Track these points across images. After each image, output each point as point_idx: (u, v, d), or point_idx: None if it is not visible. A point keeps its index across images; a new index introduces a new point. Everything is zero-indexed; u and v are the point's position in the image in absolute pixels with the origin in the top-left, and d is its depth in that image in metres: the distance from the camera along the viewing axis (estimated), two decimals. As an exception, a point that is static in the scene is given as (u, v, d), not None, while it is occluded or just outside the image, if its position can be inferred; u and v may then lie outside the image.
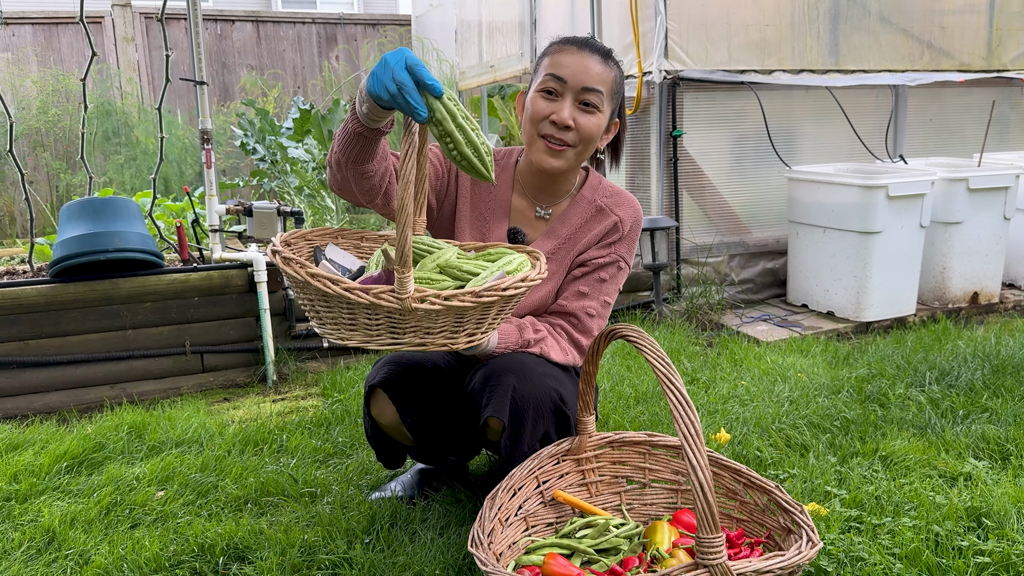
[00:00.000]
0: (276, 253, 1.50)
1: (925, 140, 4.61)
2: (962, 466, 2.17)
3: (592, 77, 1.75)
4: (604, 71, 1.77)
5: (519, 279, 1.49)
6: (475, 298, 1.43)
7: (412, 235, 1.39)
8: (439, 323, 1.45)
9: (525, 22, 5.35)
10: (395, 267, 1.38)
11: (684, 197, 4.07)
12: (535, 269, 1.57)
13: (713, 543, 1.21)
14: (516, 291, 1.48)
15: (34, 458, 2.39)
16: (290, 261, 1.46)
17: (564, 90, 1.75)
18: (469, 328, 1.50)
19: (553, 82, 1.76)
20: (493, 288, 1.45)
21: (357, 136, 1.52)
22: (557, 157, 1.78)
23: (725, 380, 2.95)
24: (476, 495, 2.08)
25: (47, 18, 7.29)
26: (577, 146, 1.78)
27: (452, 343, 1.48)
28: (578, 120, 1.76)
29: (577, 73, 1.75)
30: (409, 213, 1.38)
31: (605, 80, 1.77)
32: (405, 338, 1.45)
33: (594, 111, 1.77)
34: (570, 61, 1.76)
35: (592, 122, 1.77)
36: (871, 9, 4.27)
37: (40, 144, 6.71)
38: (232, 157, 7.12)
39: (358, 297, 1.39)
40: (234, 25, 8.01)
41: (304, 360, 3.40)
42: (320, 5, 13.22)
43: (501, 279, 1.49)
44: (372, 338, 1.46)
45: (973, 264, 3.95)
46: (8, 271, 3.63)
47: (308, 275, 1.43)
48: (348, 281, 1.42)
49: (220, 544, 1.88)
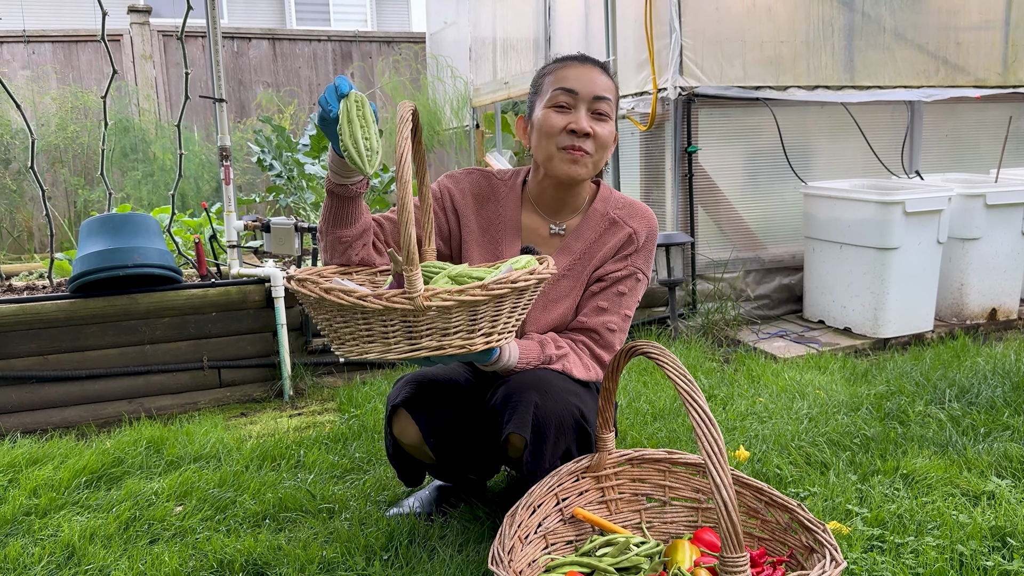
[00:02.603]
0: (291, 278, 1.56)
1: (941, 156, 4.59)
2: (985, 484, 2.15)
3: (600, 86, 1.80)
4: (608, 81, 1.83)
5: (527, 271, 1.51)
6: (486, 291, 1.44)
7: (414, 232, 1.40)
8: (454, 321, 1.45)
9: (540, 39, 5.38)
10: (403, 266, 1.39)
11: (699, 213, 4.07)
12: (543, 265, 1.59)
13: (737, 562, 1.21)
14: (526, 283, 1.49)
15: (53, 473, 2.40)
16: (305, 281, 1.49)
17: (576, 101, 1.79)
18: (485, 327, 1.49)
19: (564, 96, 1.79)
20: (502, 280, 1.46)
21: (330, 195, 1.69)
22: (580, 164, 1.80)
23: (743, 397, 2.94)
24: (494, 512, 2.07)
25: (67, 36, 7.40)
26: (595, 154, 1.81)
27: (470, 344, 1.48)
28: (595, 128, 1.79)
29: (586, 84, 1.79)
30: (410, 211, 1.39)
31: (611, 89, 1.83)
32: (423, 342, 1.45)
33: (606, 119, 1.82)
34: (576, 74, 1.80)
35: (607, 129, 1.82)
36: (886, 25, 4.28)
37: (59, 160, 6.79)
38: (248, 173, 7.17)
39: (371, 303, 1.41)
40: (250, 43, 8.10)
41: (320, 375, 3.41)
42: (335, 23, 13.36)
43: (510, 272, 1.50)
44: (391, 347, 1.47)
45: (991, 280, 3.92)
46: (28, 286, 3.66)
47: (322, 291, 1.45)
48: (361, 290, 1.44)
49: (239, 560, 1.88)
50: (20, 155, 6.44)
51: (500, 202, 1.95)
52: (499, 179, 1.98)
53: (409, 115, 1.49)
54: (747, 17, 3.99)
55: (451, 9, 7.27)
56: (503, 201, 1.95)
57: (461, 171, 2.00)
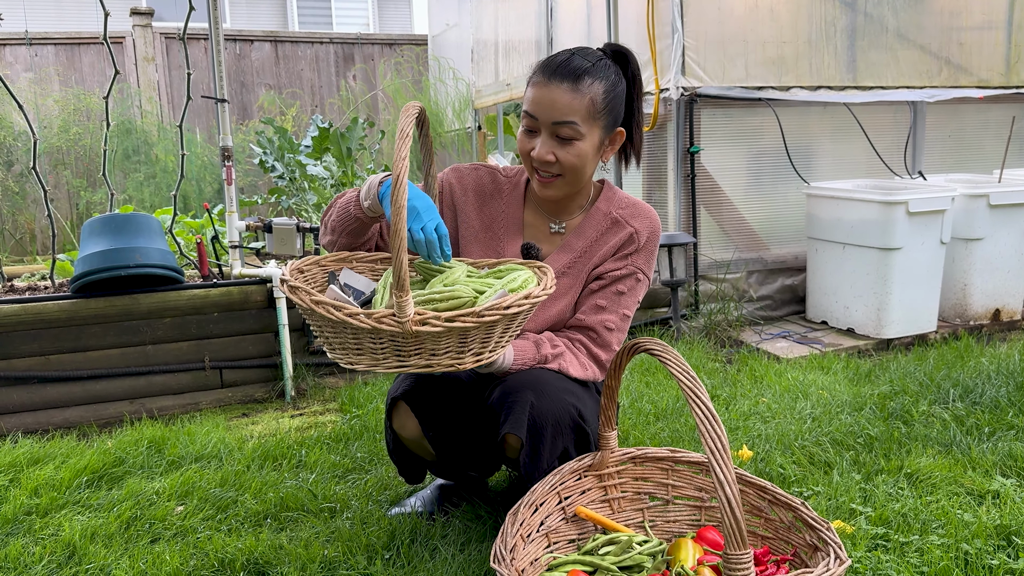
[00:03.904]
0: (284, 282, 1.52)
1: (944, 156, 4.58)
2: (989, 484, 2.14)
3: (561, 110, 1.70)
4: (573, 99, 1.70)
5: (521, 296, 1.49)
6: (477, 318, 1.42)
7: (407, 259, 1.40)
8: (443, 344, 1.45)
9: (542, 40, 5.38)
10: (394, 291, 1.39)
11: (702, 213, 4.06)
12: (540, 285, 1.57)
13: (741, 559, 1.20)
14: (519, 308, 1.47)
15: (55, 472, 2.40)
16: (296, 290, 1.47)
17: (538, 126, 1.74)
18: (475, 348, 1.49)
19: (527, 119, 1.76)
20: (494, 307, 1.45)
21: (357, 220, 1.76)
22: (549, 187, 1.80)
23: (746, 397, 2.93)
24: (496, 511, 2.06)
25: (69, 38, 7.41)
26: (566, 175, 1.77)
27: (459, 363, 1.48)
28: (557, 154, 1.73)
29: (545, 109, 1.71)
30: (403, 238, 1.39)
31: (576, 109, 1.70)
32: (411, 360, 1.45)
33: (571, 142, 1.73)
34: (539, 96, 1.72)
35: (572, 153, 1.73)
36: (888, 26, 4.27)
37: (61, 162, 6.80)
38: (250, 175, 7.18)
39: (360, 322, 1.40)
40: (253, 45, 8.11)
41: (322, 375, 3.40)
42: (337, 25, 13.38)
43: (503, 297, 1.49)
44: (379, 362, 1.47)
45: (995, 281, 3.91)
46: (30, 287, 3.66)
47: (312, 303, 1.44)
48: (351, 307, 1.43)
49: (240, 559, 1.87)
50: (22, 157, 6.45)
51: (503, 199, 1.95)
52: (504, 176, 1.98)
53: (411, 129, 1.47)
54: (749, 17, 3.99)
55: (453, 11, 7.28)
56: (506, 198, 1.95)
57: (467, 165, 1.99)
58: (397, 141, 1.43)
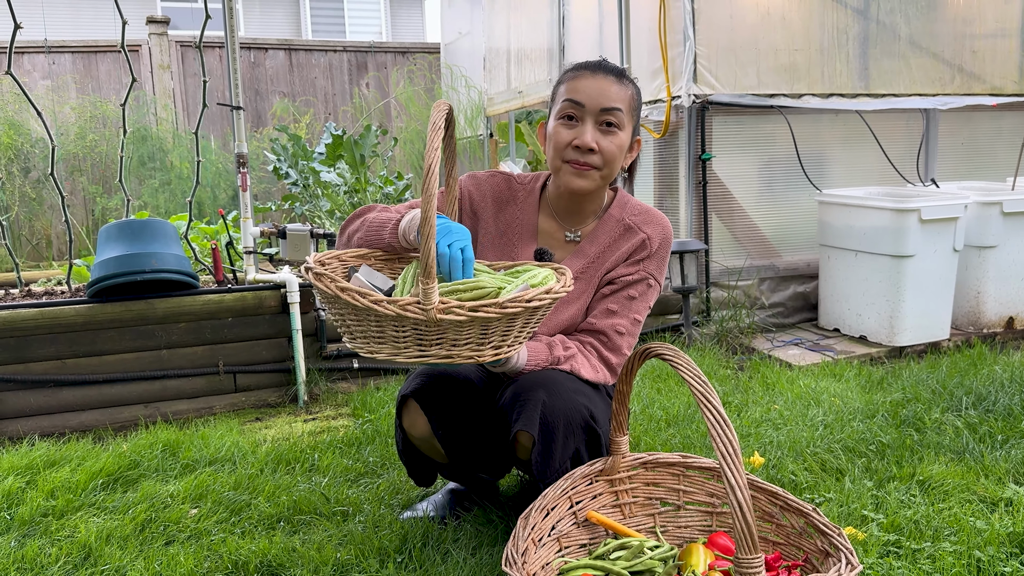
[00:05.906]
0: (309, 269, 1.54)
1: (957, 164, 4.57)
2: (1003, 491, 2.13)
3: (610, 97, 1.78)
4: (620, 90, 1.80)
5: (543, 291, 1.51)
6: (500, 309, 1.44)
7: (435, 246, 1.41)
8: (464, 335, 1.46)
9: (554, 48, 5.40)
10: (420, 278, 1.40)
11: (713, 220, 4.07)
12: (560, 283, 1.59)
13: (752, 564, 1.20)
14: (540, 302, 1.49)
15: (71, 475, 2.42)
16: (322, 276, 1.50)
17: (583, 114, 1.79)
18: (495, 340, 1.50)
19: (572, 108, 1.79)
20: (517, 299, 1.47)
21: (389, 246, 1.78)
22: (584, 177, 1.81)
23: (757, 404, 2.93)
24: (508, 515, 2.07)
25: (86, 46, 7.49)
26: (602, 168, 1.81)
27: (479, 355, 1.49)
28: (600, 143, 1.79)
29: (594, 96, 1.78)
30: (432, 226, 1.40)
31: (623, 98, 1.80)
32: (432, 350, 1.47)
33: (615, 131, 1.80)
34: (586, 85, 1.79)
35: (614, 143, 1.80)
36: (901, 34, 4.27)
37: (77, 169, 6.87)
38: (264, 182, 7.23)
39: (385, 309, 1.42)
40: (267, 53, 8.18)
41: (335, 380, 3.42)
42: (350, 33, 13.46)
43: (525, 291, 1.51)
44: (400, 350, 1.48)
45: (1008, 289, 3.89)
46: (47, 292, 3.70)
47: (338, 289, 1.46)
48: (377, 294, 1.45)
49: (254, 561, 1.89)
50: (40, 164, 6.52)
51: (519, 205, 1.97)
52: (519, 183, 2.00)
53: (442, 122, 1.49)
54: (761, 25, 4.00)
55: (465, 19, 7.31)
56: (521, 204, 1.97)
57: (484, 172, 2.02)
58: (429, 132, 1.46)
